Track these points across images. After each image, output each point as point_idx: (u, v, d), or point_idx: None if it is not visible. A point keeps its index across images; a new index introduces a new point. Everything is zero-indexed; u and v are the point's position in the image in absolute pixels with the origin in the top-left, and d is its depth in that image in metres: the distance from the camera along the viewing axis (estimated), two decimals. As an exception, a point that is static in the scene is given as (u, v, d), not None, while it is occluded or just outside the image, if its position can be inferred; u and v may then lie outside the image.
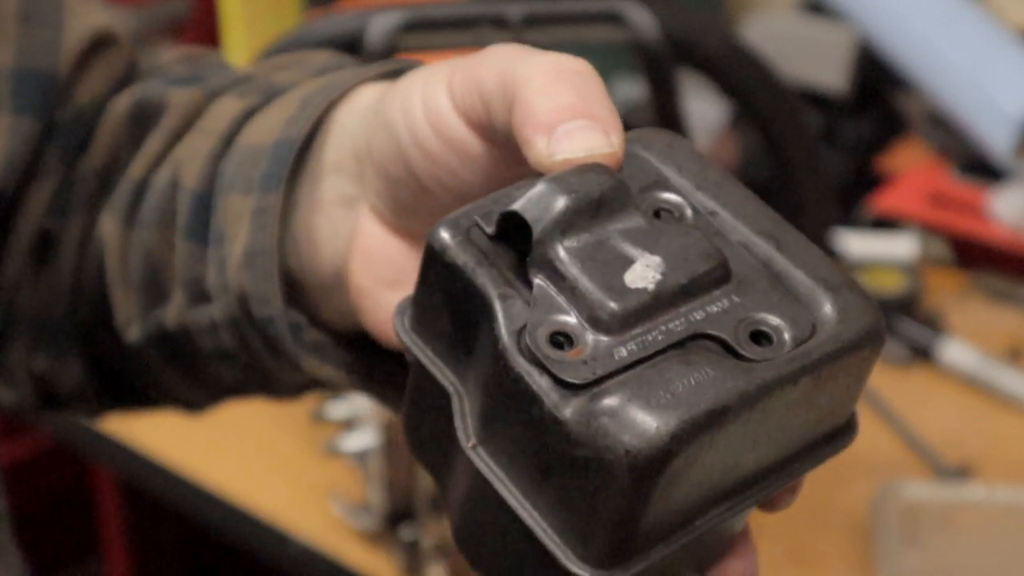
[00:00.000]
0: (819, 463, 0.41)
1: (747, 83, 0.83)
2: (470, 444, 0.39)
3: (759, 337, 0.38)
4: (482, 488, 0.39)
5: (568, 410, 0.36)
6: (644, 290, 0.38)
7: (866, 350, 0.39)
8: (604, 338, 0.38)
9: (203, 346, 0.55)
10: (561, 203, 0.39)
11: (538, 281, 0.39)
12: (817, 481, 0.98)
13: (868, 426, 1.03)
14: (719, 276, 0.39)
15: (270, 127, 0.52)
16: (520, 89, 0.42)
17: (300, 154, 0.51)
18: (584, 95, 0.41)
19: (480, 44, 0.76)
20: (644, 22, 0.77)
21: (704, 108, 1.28)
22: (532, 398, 0.37)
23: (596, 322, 0.38)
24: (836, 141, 1.31)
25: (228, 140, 0.54)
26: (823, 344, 0.38)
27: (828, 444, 0.41)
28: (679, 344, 0.38)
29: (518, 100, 0.41)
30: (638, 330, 0.38)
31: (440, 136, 0.45)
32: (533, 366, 0.37)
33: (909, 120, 1.33)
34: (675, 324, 0.38)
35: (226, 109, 0.55)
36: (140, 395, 0.62)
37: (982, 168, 1.24)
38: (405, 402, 0.43)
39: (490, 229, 0.40)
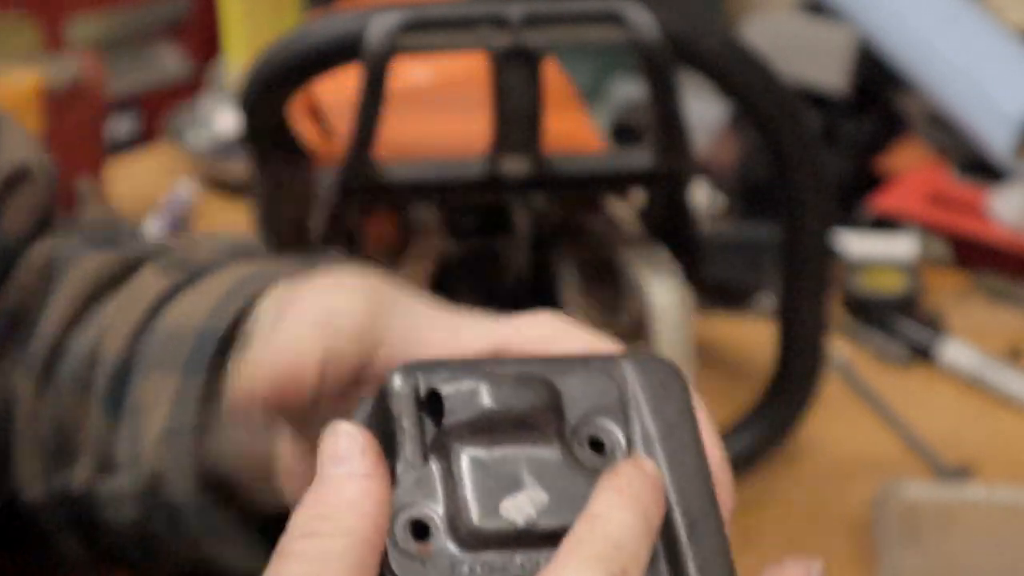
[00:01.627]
0: None
1: (747, 83, 0.83)
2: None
3: None
4: None
5: None
6: (512, 522, 0.38)
7: None
8: (454, 549, 0.38)
9: (104, 515, 0.56)
10: (483, 408, 0.40)
11: (432, 464, 0.40)
12: (817, 481, 0.98)
13: (868, 426, 1.03)
14: None
15: (196, 311, 0.55)
16: None
17: (224, 344, 0.53)
18: None
19: (480, 44, 0.76)
20: (644, 22, 0.77)
21: (704, 108, 1.27)
22: (386, 562, 0.38)
23: (455, 530, 0.38)
24: (836, 141, 1.31)
25: (151, 315, 0.56)
26: None
27: None
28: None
29: None
30: (489, 556, 0.38)
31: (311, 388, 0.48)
32: (392, 538, 0.38)
33: (909, 120, 1.33)
34: (528, 565, 0.38)
35: (150, 283, 0.57)
36: (26, 552, 0.61)
37: (982, 168, 1.24)
38: None
39: (423, 394, 0.40)
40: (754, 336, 1.11)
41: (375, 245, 0.85)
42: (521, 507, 0.39)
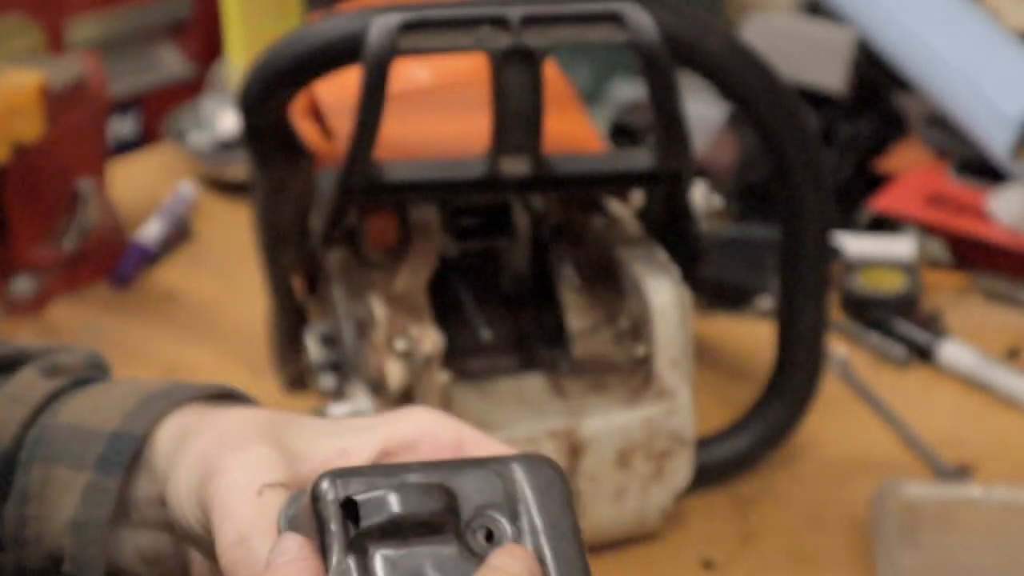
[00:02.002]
0: None
1: (747, 84, 0.84)
2: None
3: None
4: None
5: None
6: None
7: None
8: None
9: None
10: (392, 514, 0.47)
11: (349, 560, 0.47)
12: (816, 481, 0.99)
13: (867, 426, 1.03)
14: None
15: (102, 415, 0.60)
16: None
17: (138, 450, 0.59)
18: None
19: (480, 45, 0.76)
20: (644, 23, 0.77)
21: (703, 108, 1.28)
22: None
23: None
24: (835, 142, 1.31)
25: (39, 413, 0.62)
26: None
27: None
28: None
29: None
30: None
31: (198, 525, 0.55)
32: None
33: (908, 121, 1.33)
34: None
35: (35, 382, 0.63)
36: None
37: (981, 169, 1.24)
38: None
39: (341, 500, 0.48)
40: (754, 336, 1.12)
41: (375, 245, 0.85)
42: None
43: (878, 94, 1.35)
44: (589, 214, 0.91)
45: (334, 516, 0.48)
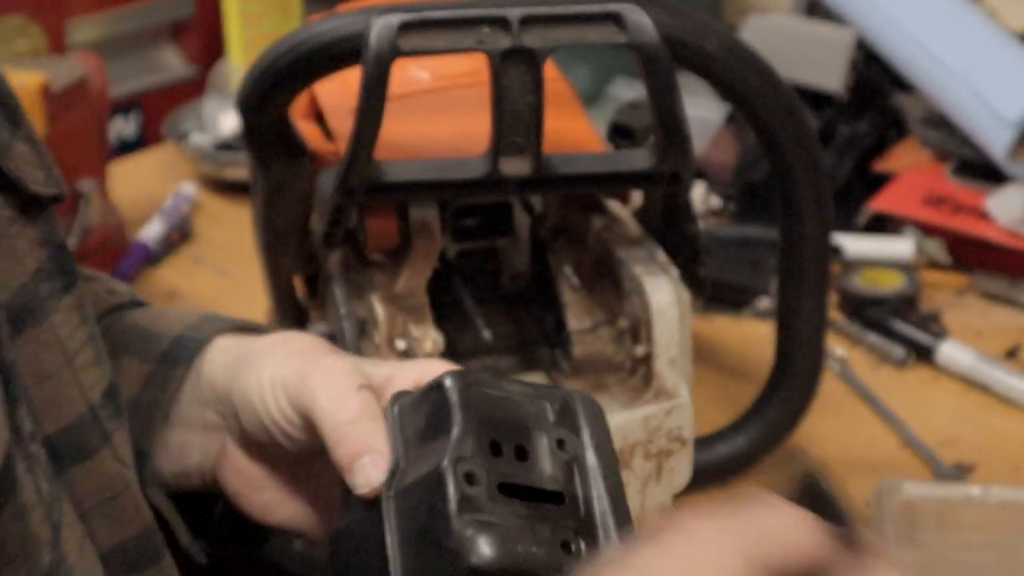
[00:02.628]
0: None
1: (747, 84, 0.84)
2: (389, 494, 0.58)
3: (568, 545, 0.57)
4: (374, 523, 0.58)
5: (458, 515, 0.55)
6: (527, 484, 0.58)
7: None
8: (488, 498, 0.56)
9: None
10: (502, 399, 0.60)
11: (469, 438, 0.57)
12: (815, 480, 0.98)
13: (866, 426, 1.03)
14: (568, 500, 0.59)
15: (167, 324, 0.70)
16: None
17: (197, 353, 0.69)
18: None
19: (480, 45, 0.77)
20: (643, 23, 0.77)
21: (703, 109, 1.28)
22: (443, 495, 0.56)
23: (506, 488, 0.57)
24: (834, 142, 1.31)
25: (104, 317, 0.72)
26: None
27: None
28: (538, 521, 0.57)
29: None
30: (514, 503, 0.57)
31: (282, 415, 0.64)
32: (455, 479, 0.56)
33: (907, 121, 1.33)
34: (545, 518, 0.57)
35: (98, 295, 0.73)
36: None
37: (980, 169, 1.24)
38: None
39: (463, 389, 0.59)
40: (753, 336, 1.12)
41: (375, 245, 0.85)
42: (530, 471, 0.59)
43: (877, 95, 1.35)
44: (589, 214, 0.91)
45: (460, 402, 0.58)
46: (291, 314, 0.97)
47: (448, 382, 0.59)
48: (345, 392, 0.62)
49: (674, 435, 0.85)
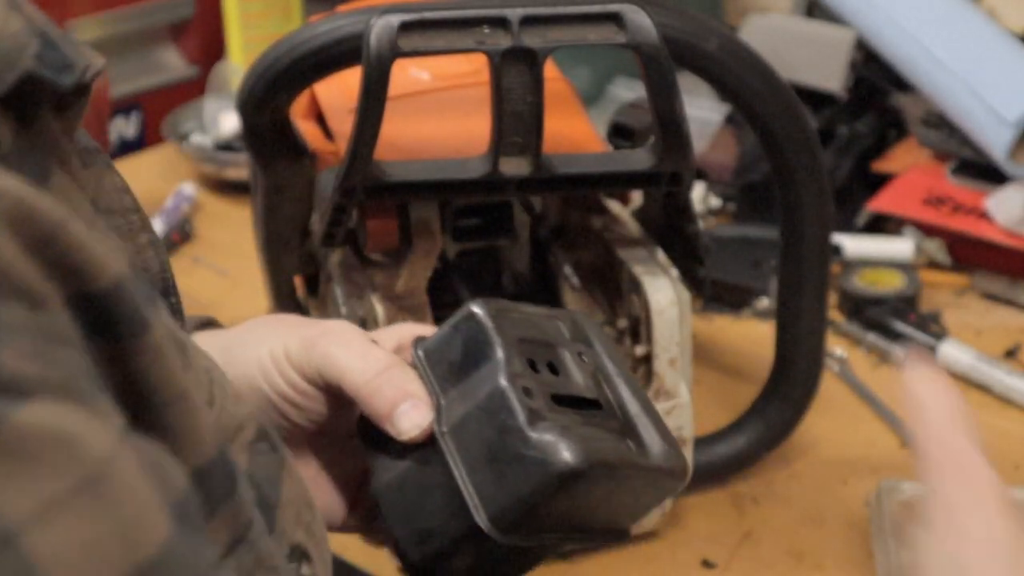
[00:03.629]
0: (601, 546, 0.64)
1: (747, 85, 0.84)
2: (443, 431, 0.59)
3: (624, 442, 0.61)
4: (428, 465, 0.59)
5: (530, 426, 0.57)
6: (579, 396, 0.62)
7: (673, 480, 0.62)
8: (548, 409, 0.59)
9: None
10: (529, 325, 0.63)
11: (513, 353, 0.60)
12: (816, 480, 0.99)
13: (865, 425, 1.03)
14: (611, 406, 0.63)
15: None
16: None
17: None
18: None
19: (480, 45, 0.77)
20: (643, 24, 0.77)
21: (703, 109, 1.28)
22: (510, 411, 0.57)
23: (556, 399, 0.60)
24: (834, 142, 1.31)
25: None
26: (657, 463, 0.61)
27: (612, 536, 0.64)
28: (592, 424, 0.60)
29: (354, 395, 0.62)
30: (569, 414, 0.59)
31: (291, 387, 0.63)
32: (517, 394, 0.58)
33: (907, 122, 1.33)
34: (596, 423, 0.61)
35: None
36: None
37: (979, 170, 1.24)
38: None
39: (493, 313, 0.62)
40: (753, 336, 1.12)
41: (375, 245, 0.85)
42: (568, 383, 0.62)
43: (877, 95, 1.36)
44: (589, 214, 0.91)
45: (493, 326, 0.60)
46: (291, 314, 0.97)
47: (479, 310, 0.61)
48: (364, 347, 0.62)
49: (674, 435, 0.85)
